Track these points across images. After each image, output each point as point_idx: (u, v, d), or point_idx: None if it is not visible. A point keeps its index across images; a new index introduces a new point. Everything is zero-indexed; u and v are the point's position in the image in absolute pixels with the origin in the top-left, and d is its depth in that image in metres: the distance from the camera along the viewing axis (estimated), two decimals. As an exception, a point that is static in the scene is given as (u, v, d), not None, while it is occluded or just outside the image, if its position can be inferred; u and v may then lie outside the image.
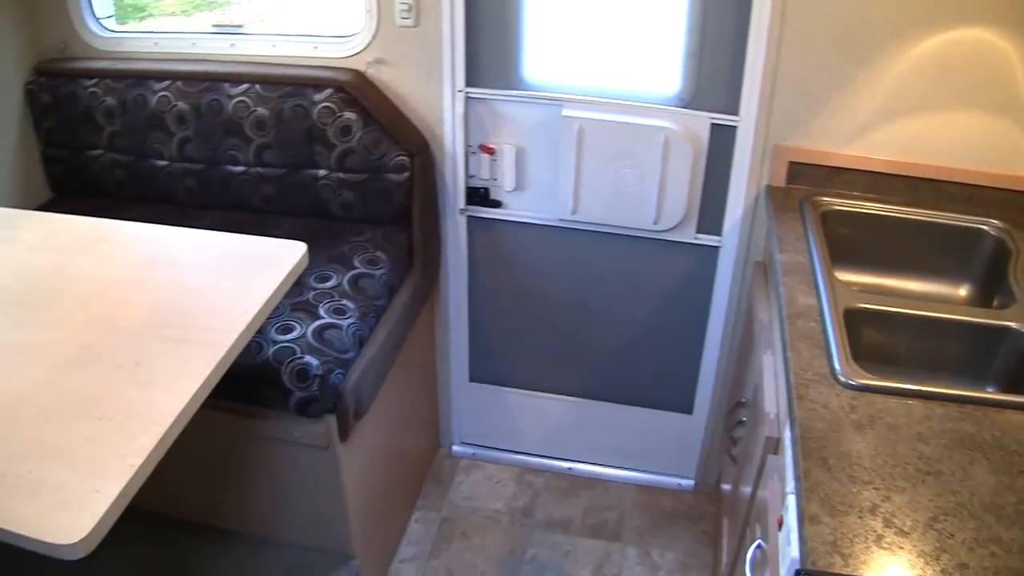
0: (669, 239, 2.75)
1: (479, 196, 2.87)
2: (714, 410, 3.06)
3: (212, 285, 1.92)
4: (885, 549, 1.29)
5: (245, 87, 2.75)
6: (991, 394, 1.79)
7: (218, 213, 2.87)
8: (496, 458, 3.40)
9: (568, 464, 3.35)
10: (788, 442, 1.67)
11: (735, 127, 2.52)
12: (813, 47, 2.35)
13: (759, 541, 1.80)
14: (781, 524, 1.59)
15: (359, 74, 2.74)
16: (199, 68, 2.83)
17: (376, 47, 2.70)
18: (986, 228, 2.29)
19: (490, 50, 2.64)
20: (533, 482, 3.30)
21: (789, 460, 1.63)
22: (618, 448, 3.27)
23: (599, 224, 2.78)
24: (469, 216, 2.91)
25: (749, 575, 1.80)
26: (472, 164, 2.82)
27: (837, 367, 1.70)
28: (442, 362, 3.28)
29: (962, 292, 2.34)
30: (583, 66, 2.63)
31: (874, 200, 2.40)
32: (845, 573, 1.26)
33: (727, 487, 2.64)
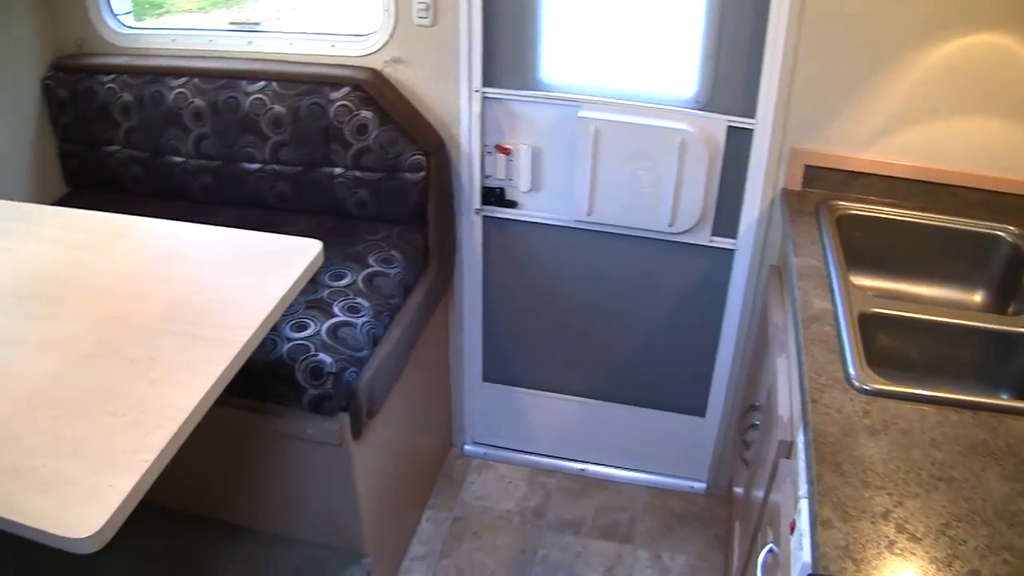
0: (684, 241, 2.75)
1: (495, 196, 2.87)
2: (727, 413, 3.05)
3: (227, 282, 1.93)
4: (897, 555, 1.28)
5: (262, 84, 2.76)
6: (1005, 401, 1.78)
7: (233, 210, 2.88)
8: (508, 458, 3.40)
9: (580, 465, 3.34)
10: (801, 446, 1.67)
11: (752, 130, 2.52)
12: (831, 51, 2.34)
13: (771, 545, 1.80)
14: (793, 528, 1.59)
15: (376, 73, 2.74)
16: (216, 65, 2.84)
17: (393, 46, 2.70)
18: (1002, 234, 2.28)
19: (507, 50, 2.64)
20: (545, 483, 3.30)
21: (802, 464, 1.63)
22: (630, 450, 3.27)
23: (614, 225, 2.78)
24: (484, 216, 2.91)
25: (760, 579, 1.80)
26: (488, 164, 2.82)
27: (851, 372, 1.69)
28: (455, 361, 3.28)
29: (977, 298, 2.33)
30: (600, 67, 2.63)
31: (890, 205, 2.40)
32: (857, 578, 1.26)
33: (739, 490, 2.64)
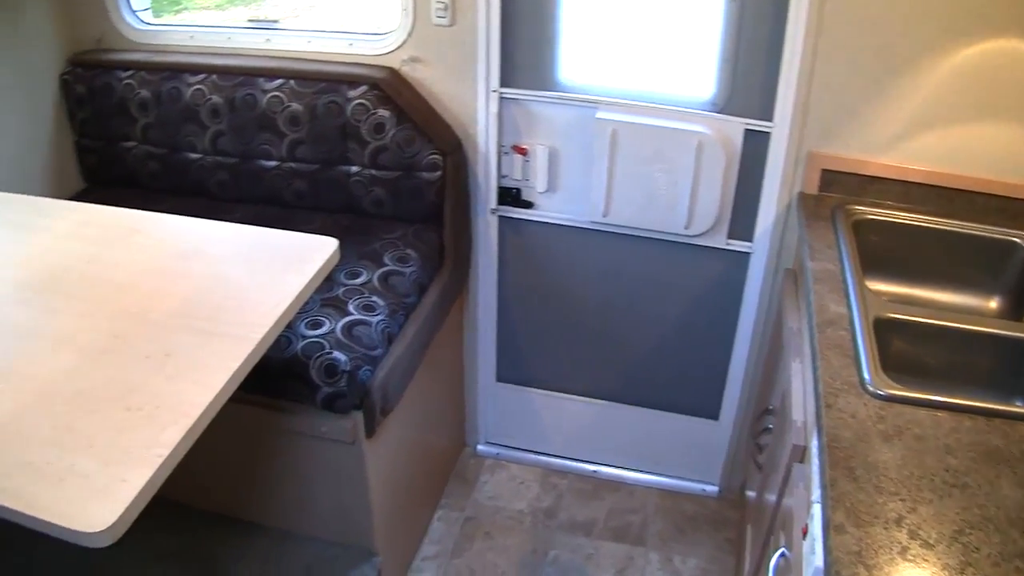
0: (700, 244, 2.75)
1: (511, 196, 2.87)
2: (740, 416, 3.05)
3: (243, 278, 1.93)
4: (910, 561, 1.28)
5: (279, 82, 2.77)
6: (1020, 408, 1.77)
7: (250, 207, 2.89)
8: (521, 459, 3.40)
9: (593, 466, 3.34)
10: (815, 451, 1.66)
11: (769, 133, 2.51)
12: (849, 55, 2.33)
13: (783, 549, 1.80)
14: (806, 533, 1.59)
15: (394, 72, 2.74)
16: (234, 62, 2.85)
17: (411, 45, 2.71)
18: (1018, 241, 2.27)
19: (525, 50, 2.64)
20: (557, 484, 3.30)
21: (816, 469, 1.63)
22: (643, 452, 3.26)
23: (630, 227, 2.78)
24: (500, 216, 2.92)
25: (772, 583, 1.79)
26: (505, 164, 2.82)
27: (866, 377, 1.69)
28: (469, 361, 3.28)
29: (993, 304, 2.32)
30: (618, 69, 2.63)
31: (907, 210, 2.39)
32: (869, 584, 1.25)
33: (751, 494, 2.63)
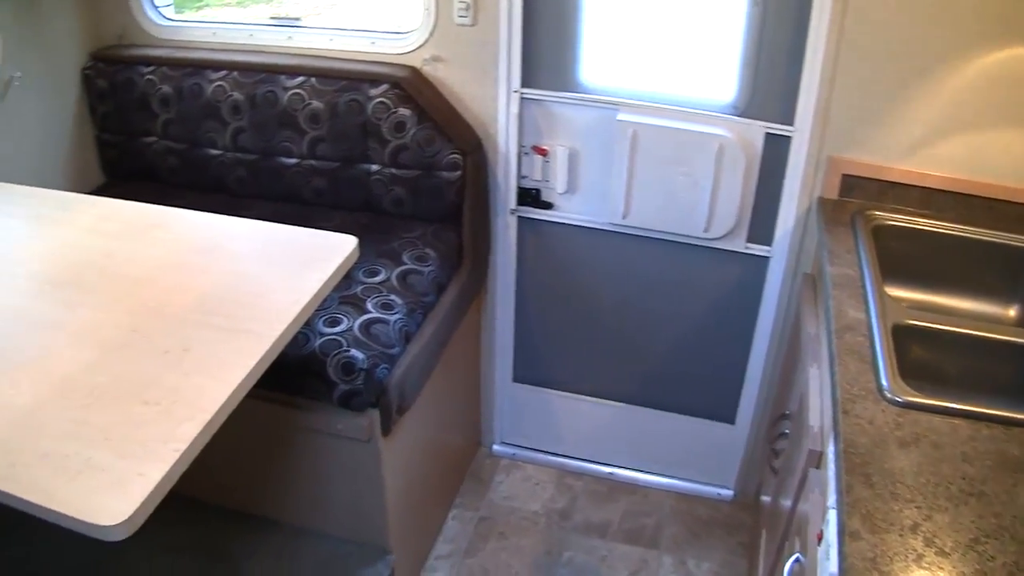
0: (719, 247, 2.74)
1: (530, 197, 2.87)
2: (756, 421, 3.04)
3: (262, 275, 1.94)
4: (925, 569, 1.27)
5: (301, 80, 2.78)
6: (1039, 417, 1.77)
7: (269, 204, 2.90)
8: (536, 459, 3.41)
9: (608, 469, 3.34)
10: (831, 456, 1.66)
11: (789, 137, 2.51)
12: (871, 60, 2.33)
13: (797, 555, 1.79)
14: (821, 539, 1.58)
15: (415, 71, 2.75)
16: (256, 59, 2.86)
17: (433, 44, 2.71)
18: (1039, 249, 2.27)
19: (547, 51, 2.64)
20: (572, 485, 3.29)
21: (832, 474, 1.62)
22: (659, 455, 3.26)
23: (649, 230, 2.77)
24: (519, 217, 2.92)
25: (786, 588, 1.79)
26: (524, 165, 2.82)
27: (884, 383, 1.68)
28: (486, 361, 3.29)
29: (1012, 312, 2.31)
30: (639, 71, 2.63)
31: (927, 216, 2.38)
32: (883, 591, 1.25)
33: (767, 499, 2.63)
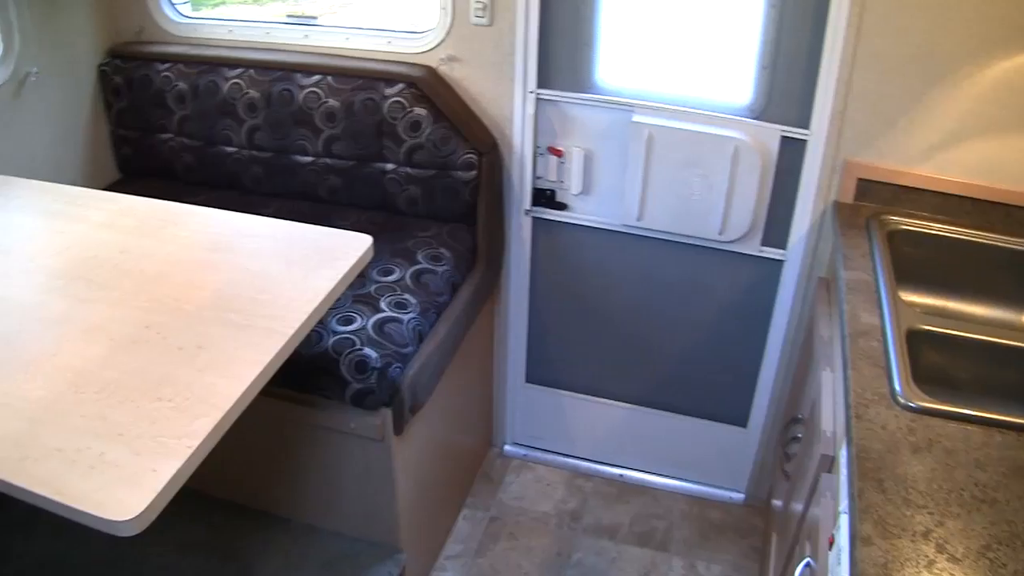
0: (733, 250, 2.74)
1: (545, 198, 2.87)
2: (769, 424, 3.03)
3: (277, 273, 1.94)
4: (936, 575, 1.27)
5: (317, 78, 2.78)
6: (1053, 424, 1.76)
7: (284, 202, 2.91)
8: (547, 460, 3.41)
9: (619, 470, 3.34)
10: (843, 461, 1.66)
11: (805, 141, 2.50)
12: (888, 64, 2.32)
13: (808, 559, 1.79)
14: (832, 543, 1.58)
15: (431, 70, 2.75)
16: (272, 57, 2.87)
17: (449, 44, 2.71)
18: (1055, 255, 2.26)
19: (563, 52, 2.64)
20: (583, 486, 3.29)
21: (844, 479, 1.62)
22: (670, 457, 3.26)
23: (664, 232, 2.77)
24: (534, 217, 2.92)
25: (796, 593, 1.79)
26: (539, 165, 2.82)
27: (897, 388, 1.68)
28: (499, 362, 3.29)
29: (1028, 319, 2.30)
30: (655, 73, 2.63)
31: (942, 221, 2.37)
32: (894, 596, 1.25)
33: (778, 503, 2.62)
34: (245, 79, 2.85)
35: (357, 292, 2.45)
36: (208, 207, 2.26)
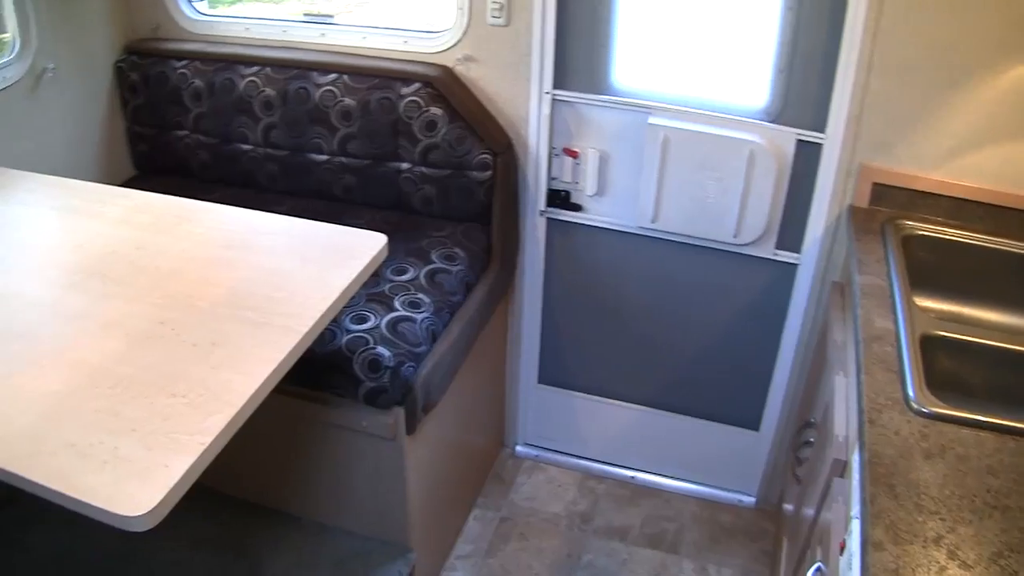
0: (748, 253, 2.74)
1: (560, 199, 2.87)
2: (781, 428, 3.03)
3: (292, 271, 1.95)
4: (947, 581, 1.27)
5: (333, 77, 2.79)
6: (1067, 432, 1.76)
7: (298, 200, 2.92)
8: (559, 461, 3.41)
9: (630, 472, 3.34)
10: (856, 466, 1.65)
11: (821, 144, 2.50)
12: (904, 69, 2.31)
13: (819, 564, 1.79)
14: (843, 548, 1.58)
15: (447, 70, 2.76)
16: (288, 55, 2.88)
17: (466, 44, 2.72)
18: (1070, 262, 2.25)
19: (579, 53, 2.64)
20: (594, 488, 3.29)
21: (856, 484, 1.62)
22: (682, 460, 3.25)
23: (678, 234, 2.77)
24: (549, 218, 2.92)
25: (807, 597, 1.78)
26: (555, 166, 2.82)
27: (910, 393, 1.68)
28: (512, 362, 3.29)
29: (1043, 326, 2.30)
30: (671, 75, 2.63)
31: (957, 227, 2.36)
32: (905, 602, 1.25)
33: (789, 507, 2.62)
34: (261, 77, 2.86)
35: (371, 291, 2.45)
36: (223, 204, 2.26)
